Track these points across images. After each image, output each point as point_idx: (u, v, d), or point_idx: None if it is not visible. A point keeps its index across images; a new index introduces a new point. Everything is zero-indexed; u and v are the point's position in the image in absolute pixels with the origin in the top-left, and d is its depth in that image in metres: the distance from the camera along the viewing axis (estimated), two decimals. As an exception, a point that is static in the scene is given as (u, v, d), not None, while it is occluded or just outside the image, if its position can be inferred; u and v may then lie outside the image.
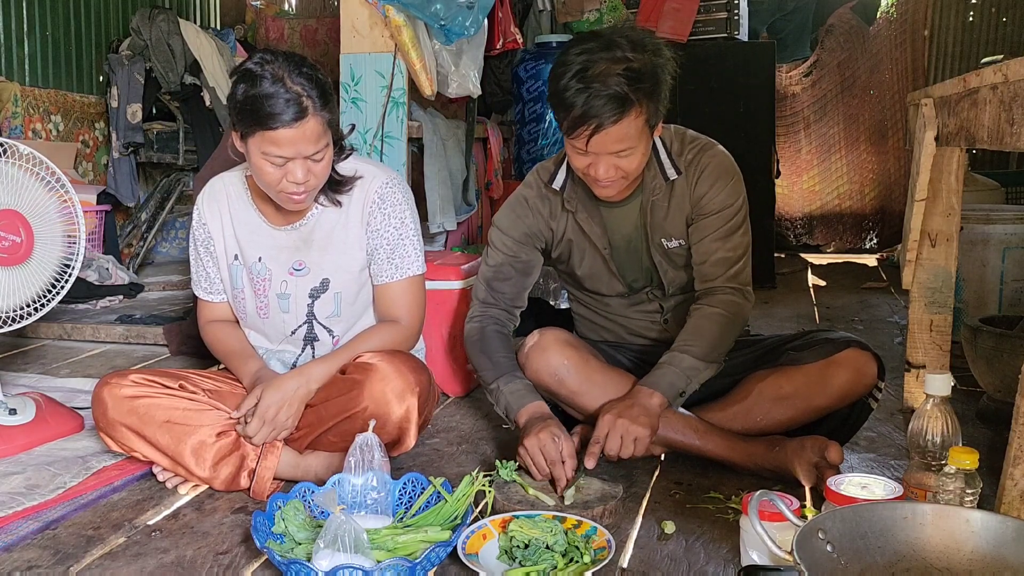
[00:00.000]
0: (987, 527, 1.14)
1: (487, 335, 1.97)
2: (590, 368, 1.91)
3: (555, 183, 1.96)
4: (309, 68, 1.70)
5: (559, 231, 2.00)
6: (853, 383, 1.86)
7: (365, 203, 1.87)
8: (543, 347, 1.91)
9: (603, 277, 2.02)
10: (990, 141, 1.60)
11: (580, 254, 2.01)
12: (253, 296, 1.92)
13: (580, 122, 1.71)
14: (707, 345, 1.85)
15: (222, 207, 1.93)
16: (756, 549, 1.33)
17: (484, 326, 1.99)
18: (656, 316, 2.06)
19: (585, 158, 1.78)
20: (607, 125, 1.69)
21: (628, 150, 1.75)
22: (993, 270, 2.99)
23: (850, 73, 5.85)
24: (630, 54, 1.71)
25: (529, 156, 3.95)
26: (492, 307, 2.01)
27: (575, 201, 1.95)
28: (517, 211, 2.01)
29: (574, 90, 1.70)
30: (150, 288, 4.21)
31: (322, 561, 1.36)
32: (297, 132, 1.65)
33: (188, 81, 4.60)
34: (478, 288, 2.04)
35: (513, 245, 2.00)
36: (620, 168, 1.77)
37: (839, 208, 6.05)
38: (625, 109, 1.69)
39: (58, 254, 2.14)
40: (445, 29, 2.82)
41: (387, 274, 1.90)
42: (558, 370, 1.90)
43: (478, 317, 2.01)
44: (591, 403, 1.89)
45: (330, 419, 1.79)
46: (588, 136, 1.71)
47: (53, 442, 2.11)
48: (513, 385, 1.88)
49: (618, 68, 1.69)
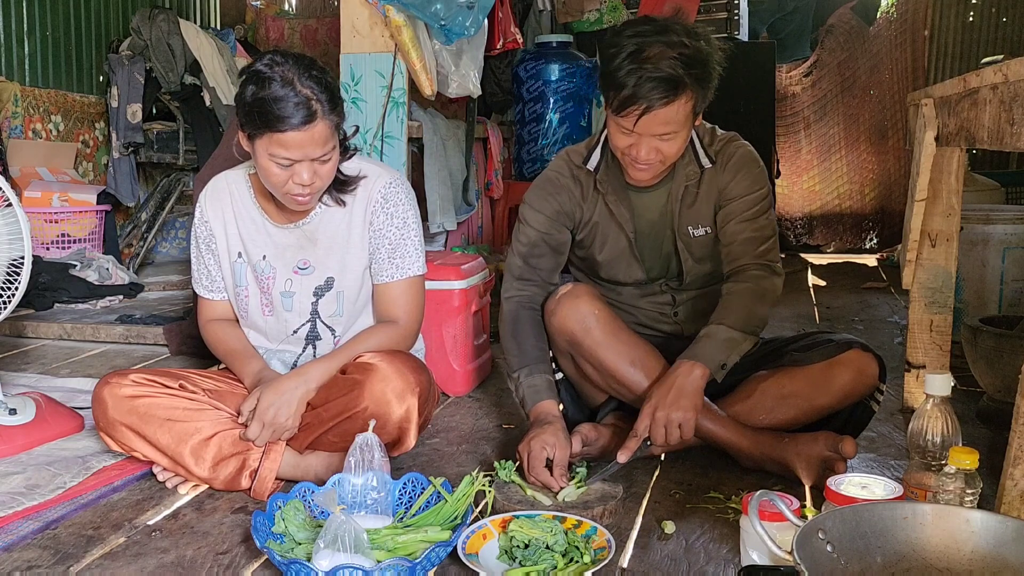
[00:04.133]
0: (987, 527, 1.14)
1: (521, 320, 1.96)
2: (617, 325, 1.93)
3: (590, 163, 1.97)
4: (319, 71, 1.70)
5: (587, 213, 2.00)
6: (855, 384, 1.87)
7: (369, 202, 1.87)
8: (576, 295, 1.92)
9: (623, 263, 2.01)
10: (990, 141, 1.60)
11: (603, 238, 2.01)
12: (259, 293, 1.93)
13: (630, 102, 1.73)
14: (742, 317, 1.84)
15: (225, 205, 1.93)
16: (756, 549, 1.33)
17: (520, 308, 1.97)
18: (667, 308, 2.06)
19: (628, 138, 1.80)
20: (657, 106, 1.72)
21: (672, 134, 1.78)
22: (993, 270, 2.99)
23: (850, 73, 5.86)
24: (685, 39, 1.74)
25: (529, 156, 3.95)
26: (529, 284, 1.99)
27: (607, 183, 1.97)
28: (548, 189, 2.00)
29: (627, 70, 1.72)
30: (150, 288, 4.21)
31: (322, 561, 1.36)
32: (305, 135, 1.66)
33: (188, 81, 4.60)
34: (512, 264, 2.01)
35: (546, 222, 1.99)
36: (660, 151, 1.80)
37: (839, 208, 6.05)
38: (677, 92, 1.72)
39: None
40: (445, 29, 2.82)
41: (387, 273, 1.90)
42: (586, 318, 1.90)
43: (516, 297, 1.99)
44: (612, 358, 1.89)
45: (330, 419, 1.79)
46: (637, 116, 1.74)
47: (53, 442, 2.11)
48: (533, 380, 1.89)
49: (672, 52, 1.72)
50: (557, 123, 3.86)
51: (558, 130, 3.87)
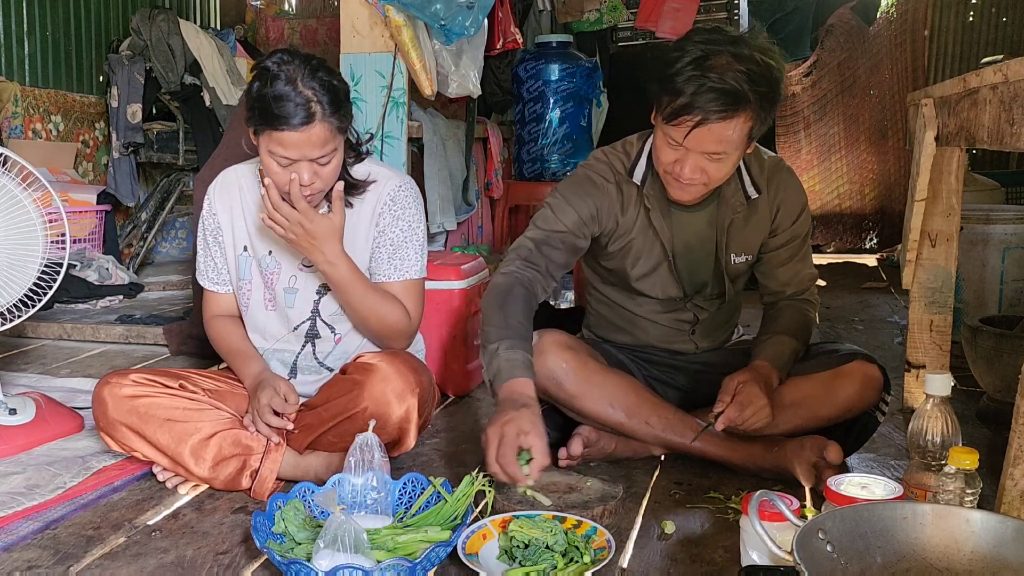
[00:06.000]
0: (987, 527, 1.14)
1: (514, 294, 1.79)
2: (588, 370, 1.89)
3: (635, 175, 1.87)
4: (325, 73, 1.69)
5: (625, 224, 1.90)
6: (859, 395, 1.86)
7: (377, 203, 1.87)
8: (541, 350, 1.85)
9: (658, 280, 1.94)
10: (990, 141, 1.60)
11: (639, 253, 1.93)
12: (262, 288, 1.93)
13: (685, 111, 1.62)
14: (803, 336, 1.92)
15: (233, 198, 1.94)
16: (756, 549, 1.33)
17: (515, 284, 1.81)
18: (687, 326, 2.03)
19: (675, 152, 1.70)
20: (713, 119, 1.61)
21: (722, 155, 1.67)
22: (993, 270, 2.99)
23: (850, 73, 5.85)
24: (757, 55, 1.63)
25: (529, 156, 3.95)
26: (532, 268, 1.85)
27: (652, 198, 1.87)
28: (588, 189, 1.89)
29: (687, 76, 1.61)
30: (150, 288, 4.21)
31: (322, 561, 1.36)
32: (303, 136, 1.66)
33: (188, 81, 4.60)
34: (522, 245, 1.88)
35: (576, 221, 1.87)
36: (707, 172, 1.70)
37: (839, 208, 6.05)
38: (737, 108, 1.61)
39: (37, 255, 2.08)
40: (445, 29, 2.82)
41: (385, 273, 1.90)
42: (556, 373, 1.86)
43: (515, 272, 1.83)
44: (590, 406, 1.88)
45: (330, 419, 1.79)
46: (690, 127, 1.63)
47: (53, 442, 2.11)
48: (512, 354, 1.69)
49: (741, 65, 1.61)
50: (557, 123, 3.85)
51: (558, 130, 3.87)
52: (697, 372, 2.03)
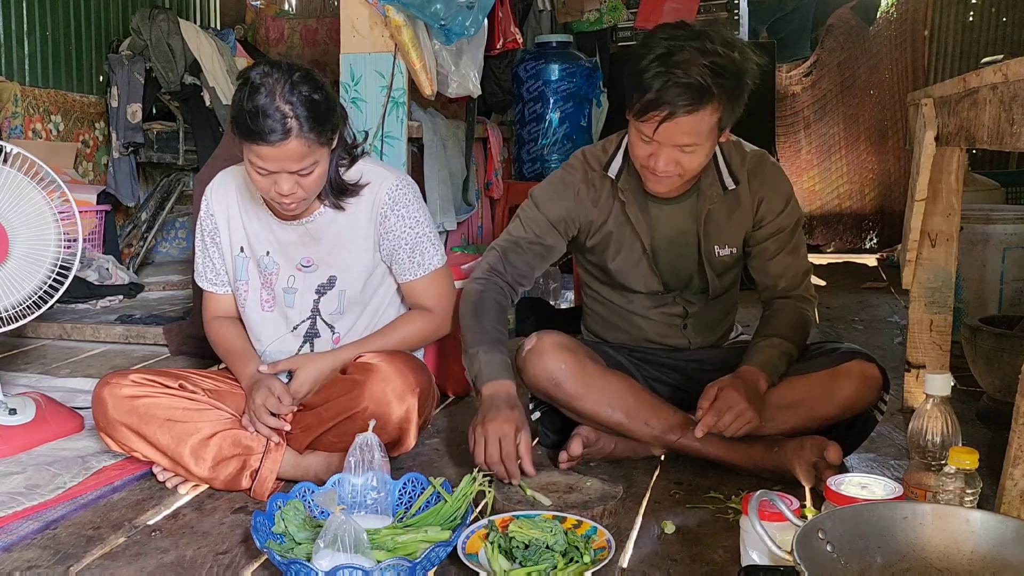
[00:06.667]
0: (987, 527, 1.14)
1: (485, 300, 1.92)
2: (587, 372, 1.89)
3: (610, 170, 1.92)
4: (308, 87, 1.66)
5: (601, 219, 1.95)
6: (858, 394, 1.86)
7: (375, 205, 1.87)
8: (540, 351, 1.89)
9: (639, 273, 1.97)
10: (990, 141, 1.60)
11: (618, 246, 1.96)
12: (260, 288, 1.93)
13: (653, 106, 1.66)
14: (797, 336, 1.91)
15: (231, 199, 1.94)
16: (756, 549, 1.33)
17: (485, 290, 1.94)
18: (678, 320, 2.03)
19: (647, 147, 1.74)
20: (680, 114, 1.65)
21: (693, 146, 1.71)
22: (993, 270, 2.99)
23: (850, 73, 5.86)
24: (720, 48, 1.67)
25: (529, 156, 3.95)
26: (498, 277, 1.96)
27: (627, 191, 1.91)
28: (559, 191, 1.95)
29: (653, 72, 1.66)
30: (150, 288, 4.21)
31: (322, 561, 1.36)
32: (279, 151, 1.65)
33: (188, 81, 4.60)
34: (490, 254, 1.99)
35: (544, 225, 1.95)
36: (680, 164, 1.74)
37: (839, 208, 6.05)
38: (703, 101, 1.65)
39: (50, 254, 2.11)
40: (445, 29, 2.82)
41: (411, 272, 1.92)
42: (555, 374, 1.88)
43: (482, 280, 1.96)
44: (589, 407, 1.89)
45: (330, 419, 1.79)
46: (658, 122, 1.67)
47: (53, 442, 2.11)
48: (491, 356, 1.83)
49: (704, 59, 1.65)
50: (557, 123, 3.85)
51: (558, 130, 3.87)
52: (695, 371, 2.03)
